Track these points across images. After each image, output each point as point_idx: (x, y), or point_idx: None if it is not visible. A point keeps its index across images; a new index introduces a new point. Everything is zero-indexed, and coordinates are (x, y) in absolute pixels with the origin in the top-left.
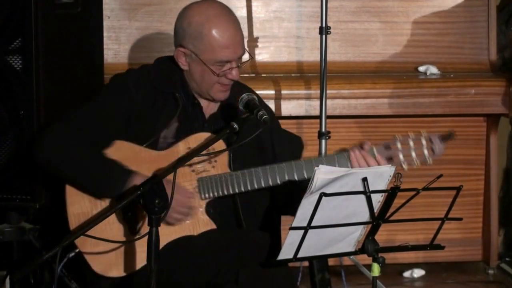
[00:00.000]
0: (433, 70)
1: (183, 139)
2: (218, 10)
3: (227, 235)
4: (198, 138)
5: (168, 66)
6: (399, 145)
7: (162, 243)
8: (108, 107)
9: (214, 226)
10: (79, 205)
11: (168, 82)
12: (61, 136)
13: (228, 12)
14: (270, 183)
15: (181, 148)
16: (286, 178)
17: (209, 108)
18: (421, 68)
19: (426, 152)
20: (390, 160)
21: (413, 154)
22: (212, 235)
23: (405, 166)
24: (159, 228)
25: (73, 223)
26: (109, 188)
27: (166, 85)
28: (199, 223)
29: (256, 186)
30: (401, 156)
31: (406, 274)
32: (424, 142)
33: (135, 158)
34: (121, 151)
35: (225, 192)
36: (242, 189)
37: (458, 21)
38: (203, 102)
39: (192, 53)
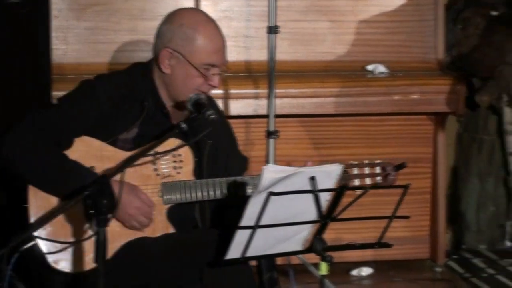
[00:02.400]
0: (381, 69)
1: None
2: (207, 16)
3: (187, 236)
4: (167, 144)
5: (140, 72)
6: (355, 171)
7: (121, 242)
8: (74, 111)
9: (172, 230)
10: (41, 195)
11: (138, 89)
12: (24, 135)
13: (214, 21)
14: (230, 195)
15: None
16: (249, 190)
17: (175, 118)
18: (370, 67)
19: (379, 180)
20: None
21: (368, 181)
22: (172, 237)
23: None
24: (119, 227)
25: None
26: (71, 189)
27: (135, 92)
28: (158, 226)
29: (220, 197)
30: (356, 182)
31: (354, 272)
32: (378, 170)
33: (101, 156)
34: (88, 147)
35: (188, 199)
36: (206, 198)
37: (406, 20)
38: (172, 112)
39: (180, 54)
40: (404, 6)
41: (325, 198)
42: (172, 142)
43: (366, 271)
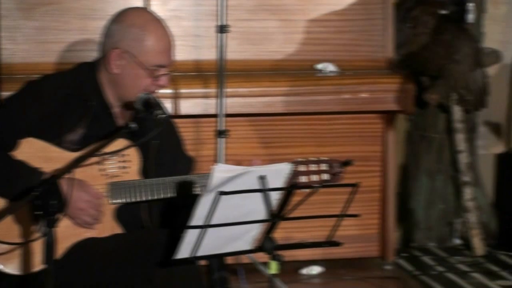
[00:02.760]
0: (330, 67)
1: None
2: (155, 16)
3: (135, 236)
4: (116, 144)
5: (86, 72)
6: (301, 168)
7: (69, 243)
8: (19, 113)
9: (120, 231)
10: None
11: (83, 89)
12: None
13: (163, 21)
14: (177, 194)
15: None
16: (198, 189)
17: (121, 118)
18: (319, 66)
19: (325, 177)
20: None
21: (314, 178)
22: (120, 237)
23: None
24: (68, 227)
25: None
26: (19, 190)
27: (81, 92)
28: (106, 227)
29: (168, 196)
30: (303, 179)
31: (304, 271)
32: (325, 167)
33: (47, 158)
34: (33, 149)
35: (136, 199)
36: (154, 197)
37: (355, 19)
38: (117, 112)
39: (129, 55)
40: (353, 5)
41: (275, 197)
42: (120, 143)
43: (316, 269)
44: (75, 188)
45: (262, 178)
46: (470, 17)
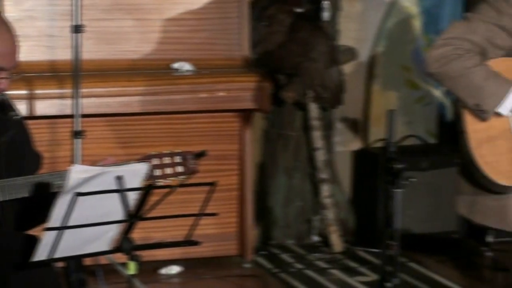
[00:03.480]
0: (187, 67)
1: None
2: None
3: None
4: None
5: None
6: (154, 162)
7: None
8: None
9: None
10: None
11: None
12: None
13: (8, 23)
14: (29, 194)
15: None
16: (53, 189)
17: None
18: (175, 65)
19: (180, 169)
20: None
21: (169, 171)
22: None
23: (160, 182)
24: None
25: None
26: None
27: None
28: None
29: (20, 196)
30: (157, 172)
31: (163, 271)
32: (178, 159)
33: None
34: None
35: None
36: (6, 198)
37: (211, 18)
38: None
39: None
40: (208, 3)
41: (133, 197)
42: None
43: (175, 269)
44: None
45: (119, 178)
46: (326, 15)
